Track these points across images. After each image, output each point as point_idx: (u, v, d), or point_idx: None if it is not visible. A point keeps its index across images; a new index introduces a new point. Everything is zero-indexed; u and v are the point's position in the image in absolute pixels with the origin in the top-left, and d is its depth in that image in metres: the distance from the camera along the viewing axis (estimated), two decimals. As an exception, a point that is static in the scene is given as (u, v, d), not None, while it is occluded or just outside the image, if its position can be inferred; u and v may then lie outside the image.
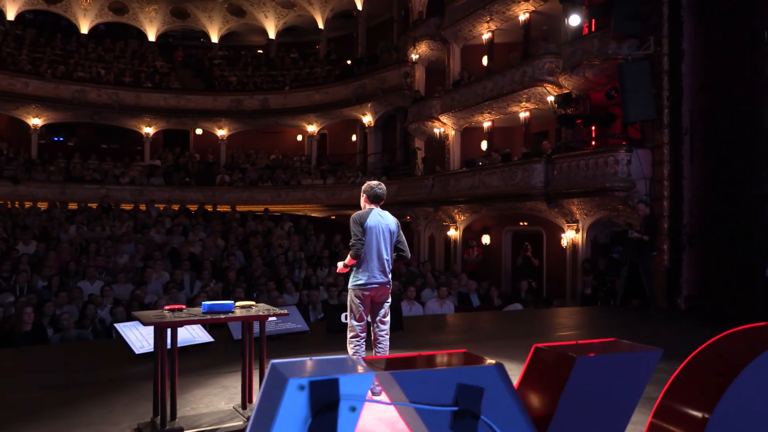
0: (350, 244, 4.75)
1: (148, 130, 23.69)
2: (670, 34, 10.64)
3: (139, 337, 6.39)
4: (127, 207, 18.01)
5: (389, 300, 4.89)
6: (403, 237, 4.93)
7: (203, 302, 4.12)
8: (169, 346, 3.99)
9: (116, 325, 6.40)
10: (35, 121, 21.65)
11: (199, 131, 25.75)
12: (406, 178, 18.84)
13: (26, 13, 25.21)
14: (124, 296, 10.35)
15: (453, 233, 17.34)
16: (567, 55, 12.78)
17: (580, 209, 12.87)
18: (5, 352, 7.01)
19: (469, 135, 17.61)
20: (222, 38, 27.90)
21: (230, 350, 6.74)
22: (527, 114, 15.16)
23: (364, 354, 4.80)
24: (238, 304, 4.37)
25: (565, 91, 12.94)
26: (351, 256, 4.71)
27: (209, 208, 18.70)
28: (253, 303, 4.45)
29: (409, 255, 4.99)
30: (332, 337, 7.46)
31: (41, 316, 8.11)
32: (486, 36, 16.40)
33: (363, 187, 4.96)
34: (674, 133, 10.64)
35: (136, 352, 6.22)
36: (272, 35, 27.33)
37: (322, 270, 13.82)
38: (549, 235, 14.95)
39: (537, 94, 14.11)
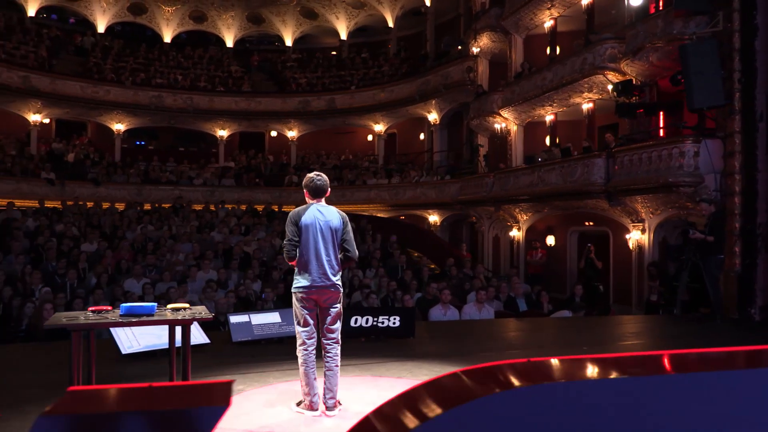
0: (282, 245, 4.35)
1: (222, 133, 24.36)
2: (741, 8, 9.39)
3: (130, 336, 6.29)
4: (198, 207, 18.53)
5: (337, 305, 4.42)
6: (351, 235, 4.43)
7: (122, 304, 3.85)
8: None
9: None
10: (118, 127, 22.82)
11: (273, 133, 26.22)
12: (466, 177, 18.14)
13: (115, 26, 26.71)
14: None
15: (516, 234, 16.47)
16: (629, 39, 11.68)
17: (645, 207, 11.73)
18: (24, 348, 7.15)
19: (532, 130, 16.67)
20: (296, 41, 28.30)
21: (225, 353, 6.52)
22: (590, 105, 14.07)
23: (313, 364, 4.36)
24: (171, 306, 4.09)
25: (627, 78, 11.82)
26: (285, 258, 4.33)
27: (276, 208, 18.90)
28: (186, 305, 4.14)
29: (355, 255, 4.46)
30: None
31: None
32: (548, 24, 15.43)
33: (304, 180, 4.52)
34: (747, 119, 9.36)
35: (123, 351, 6.12)
36: (344, 36, 27.39)
37: (370, 271, 13.50)
38: (615, 236, 13.79)
39: (599, 83, 13.04)
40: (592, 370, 1.58)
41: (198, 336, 6.70)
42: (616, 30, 12.77)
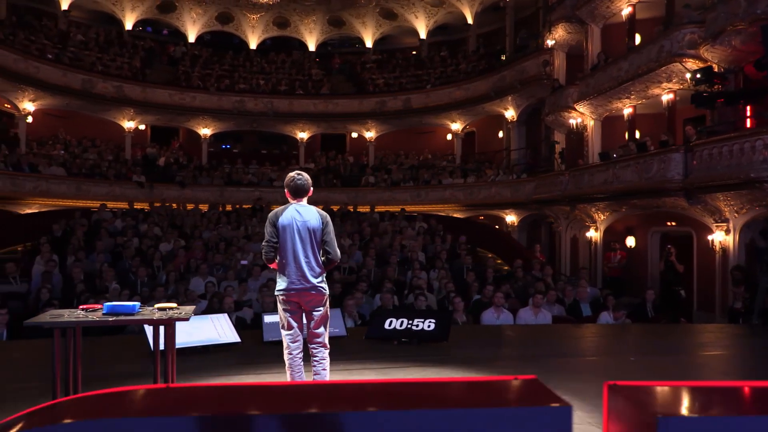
0: (261, 246, 4.26)
1: (302, 135, 24.89)
2: (834, -19, 8.37)
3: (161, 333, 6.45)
4: (276, 207, 18.97)
5: (320, 308, 4.27)
6: (331, 236, 4.26)
7: (105, 303, 3.91)
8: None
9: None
10: (204, 131, 23.90)
11: (354, 135, 26.49)
12: (541, 175, 17.42)
13: (204, 35, 28.00)
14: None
15: (593, 234, 15.61)
16: (709, 22, 10.72)
17: (728, 206, 10.72)
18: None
19: (610, 124, 15.72)
20: (376, 42, 28.44)
21: (251, 352, 6.56)
22: (671, 97, 13.05)
23: (300, 369, 4.25)
24: (158, 305, 4.11)
25: (706, 65, 10.84)
26: (263, 260, 4.24)
27: (351, 209, 19.03)
28: (174, 305, 4.15)
29: (336, 256, 4.28)
30: (364, 343, 6.95)
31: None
32: (626, 11, 14.49)
33: (285, 180, 4.42)
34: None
35: (152, 347, 6.29)
36: (423, 35, 27.21)
37: (434, 271, 13.26)
38: (699, 237, 12.72)
39: (678, 72, 12.05)
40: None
41: (229, 335, 6.80)
42: (691, 16, 11.72)
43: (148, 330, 6.42)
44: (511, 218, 20.25)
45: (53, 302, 8.89)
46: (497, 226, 21.39)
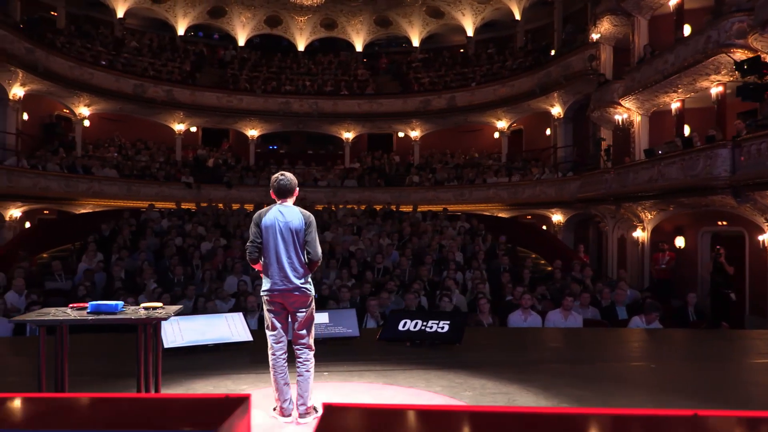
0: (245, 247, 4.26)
1: (348, 135, 25.01)
2: None
3: (176, 331, 6.57)
4: (320, 207, 19.12)
5: (304, 310, 4.22)
6: (313, 236, 4.20)
7: (90, 302, 3.98)
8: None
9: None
10: (252, 132, 24.35)
11: (401, 134, 26.43)
12: (586, 173, 16.86)
13: (254, 38, 28.54)
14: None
15: (640, 234, 14.99)
16: (758, 9, 10.09)
17: (779, 204, 10.07)
18: (97, 338, 7.77)
19: (658, 120, 15.04)
20: (423, 41, 28.29)
21: (261, 351, 6.56)
22: (720, 89, 12.37)
23: (282, 369, 4.21)
24: (144, 305, 4.16)
25: (755, 56, 10.21)
26: (248, 260, 4.24)
27: (393, 208, 18.98)
28: (159, 305, 4.18)
29: (317, 256, 4.21)
30: (375, 344, 6.86)
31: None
32: (674, 1, 13.83)
33: (270, 180, 4.40)
34: None
35: (165, 345, 6.40)
36: (470, 33, 26.85)
37: (470, 272, 13.04)
38: (751, 237, 12.00)
39: (727, 63, 11.40)
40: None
41: (242, 333, 6.85)
42: (741, 4, 11.05)
43: (164, 329, 6.56)
44: (557, 218, 19.72)
45: (86, 299, 9.22)
46: (544, 226, 20.89)
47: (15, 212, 17.13)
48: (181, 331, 6.58)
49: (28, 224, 18.23)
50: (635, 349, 6.97)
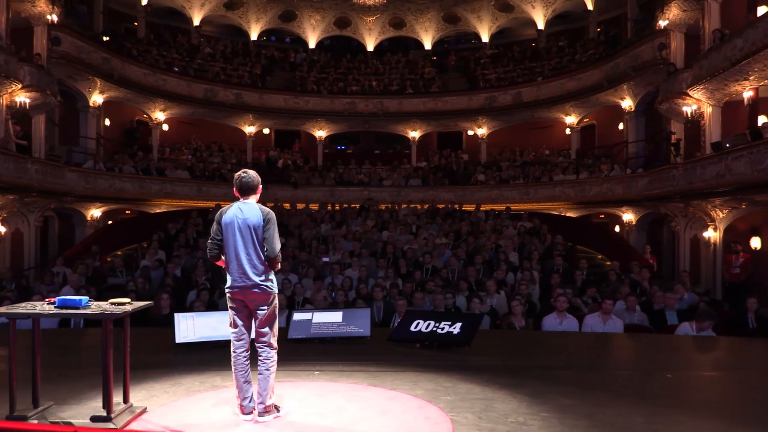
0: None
1: (414, 134, 24.94)
2: None
3: (189, 327, 6.78)
4: (383, 207, 19.18)
5: (265, 308, 4.23)
6: (271, 232, 4.20)
7: (58, 297, 4.16)
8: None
9: (176, 314, 6.86)
10: (320, 133, 24.79)
11: (470, 132, 26.05)
12: (653, 169, 15.89)
13: (324, 40, 29.04)
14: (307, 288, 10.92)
15: (712, 234, 13.97)
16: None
17: None
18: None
19: (731, 111, 13.94)
20: (492, 36, 27.73)
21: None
22: (796, 75, 11.30)
23: (242, 367, 4.25)
24: (113, 300, 4.29)
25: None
26: (208, 257, 4.30)
27: (456, 207, 18.72)
28: (127, 300, 4.31)
29: (273, 252, 4.19)
30: (383, 345, 6.77)
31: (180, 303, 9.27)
32: (747, -18, 12.79)
33: (234, 178, 4.45)
34: None
35: (177, 340, 6.62)
36: (541, 25, 26.04)
37: (519, 273, 12.65)
38: (832, 237, 10.90)
39: (800, 46, 10.39)
40: None
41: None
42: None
43: (178, 324, 6.79)
44: (628, 217, 18.73)
45: (130, 294, 9.71)
46: (617, 227, 19.92)
47: (95, 212, 18.35)
48: (195, 326, 6.77)
49: (110, 223, 19.48)
50: (660, 358, 6.47)
